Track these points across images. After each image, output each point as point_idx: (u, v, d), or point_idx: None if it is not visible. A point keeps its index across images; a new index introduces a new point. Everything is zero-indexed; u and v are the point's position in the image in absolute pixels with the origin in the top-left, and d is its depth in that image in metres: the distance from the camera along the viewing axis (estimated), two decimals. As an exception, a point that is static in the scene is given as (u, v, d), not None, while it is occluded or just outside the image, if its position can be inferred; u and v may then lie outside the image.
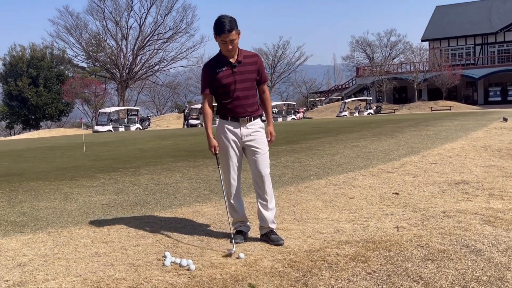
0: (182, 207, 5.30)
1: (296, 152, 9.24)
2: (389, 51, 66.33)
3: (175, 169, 7.71)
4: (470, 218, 4.63)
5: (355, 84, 60.40)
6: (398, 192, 5.90)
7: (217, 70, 4.01)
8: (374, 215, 4.87)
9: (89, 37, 55.36)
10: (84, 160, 10.02)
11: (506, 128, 13.50)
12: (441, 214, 4.81)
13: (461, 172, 7.12)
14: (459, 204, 5.22)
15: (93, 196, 5.85)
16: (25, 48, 56.12)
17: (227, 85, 4.01)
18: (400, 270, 3.46)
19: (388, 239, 4.08)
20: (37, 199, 5.72)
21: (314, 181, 6.62)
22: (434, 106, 46.28)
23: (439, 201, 5.42)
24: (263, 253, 3.83)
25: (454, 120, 17.06)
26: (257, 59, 4.14)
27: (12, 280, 3.35)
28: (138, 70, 56.45)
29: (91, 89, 50.19)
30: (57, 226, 4.64)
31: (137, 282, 3.27)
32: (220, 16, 3.94)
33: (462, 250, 3.81)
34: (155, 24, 55.88)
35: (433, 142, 10.48)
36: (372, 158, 8.38)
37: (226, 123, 4.08)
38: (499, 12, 56.37)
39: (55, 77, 55.23)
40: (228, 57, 4.02)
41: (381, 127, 15.15)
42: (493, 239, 4.03)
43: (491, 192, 5.75)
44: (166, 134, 20.99)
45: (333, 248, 3.90)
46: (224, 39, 3.89)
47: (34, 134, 41.90)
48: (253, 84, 4.12)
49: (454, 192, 5.86)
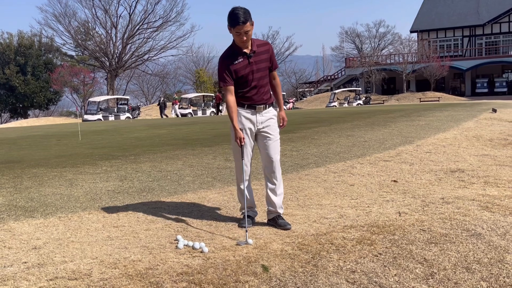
0: (187, 193, 5.39)
1: (293, 141, 9.36)
2: (378, 42, 66.70)
3: (175, 157, 7.79)
4: (468, 204, 4.78)
5: (344, 75, 60.61)
6: (397, 180, 6.04)
7: (234, 62, 4.08)
8: (375, 201, 5.01)
9: (78, 25, 54.92)
10: (81, 148, 10.05)
11: (496, 119, 13.74)
12: (440, 201, 4.96)
13: (455, 161, 7.29)
14: (456, 191, 5.38)
15: (98, 183, 5.92)
16: (13, 36, 55.55)
17: (244, 76, 4.10)
18: (405, 253, 3.60)
19: (391, 223, 4.22)
20: (42, 185, 5.78)
21: (313, 169, 6.75)
22: (423, 97, 46.65)
23: (437, 188, 5.58)
24: (272, 237, 3.95)
25: (444, 111, 17.28)
26: (269, 47, 4.25)
27: (30, 261, 3.43)
28: (128, 59, 56.12)
29: (80, 77, 49.86)
30: (66, 211, 4.72)
31: (153, 263, 3.37)
32: (234, 8, 4.00)
33: (463, 234, 3.96)
34: (145, 12, 55.55)
35: (426, 132, 10.66)
36: (368, 147, 8.53)
37: (243, 110, 4.18)
38: (487, 4, 56.78)
39: (43, 65, 54.75)
40: (243, 48, 4.09)
41: (373, 117, 15.32)
42: (492, 224, 4.19)
43: (486, 180, 5.92)
44: (158, 123, 20.99)
45: (339, 232, 4.03)
46: (239, 31, 3.96)
47: (23, 122, 41.53)
48: (266, 72, 4.24)
49: (451, 180, 6.02)
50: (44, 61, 55.24)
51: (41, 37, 55.92)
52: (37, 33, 55.73)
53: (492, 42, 55.27)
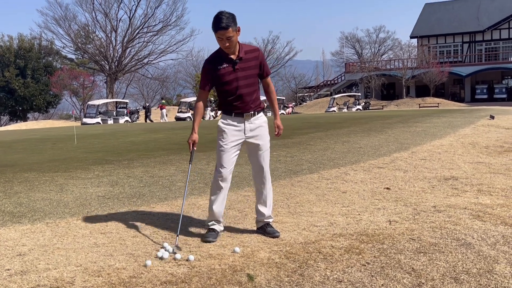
0: (177, 200, 5.36)
1: (288, 147, 9.33)
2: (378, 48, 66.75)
3: (168, 162, 7.76)
4: (460, 213, 4.75)
5: (344, 80, 60.65)
6: (389, 187, 6.01)
7: (218, 67, 3.99)
8: (366, 209, 4.98)
9: (78, 28, 54.92)
10: (76, 152, 10.02)
11: (493, 126, 13.71)
12: (431, 209, 4.93)
13: (450, 168, 7.26)
14: (449, 199, 5.35)
15: (89, 188, 5.88)
16: (13, 39, 55.66)
17: (229, 83, 4.01)
18: (393, 262, 3.56)
19: (381, 232, 4.19)
20: (32, 190, 5.74)
21: (306, 175, 6.71)
22: (422, 103, 46.64)
23: (430, 196, 5.54)
24: (260, 245, 3.91)
25: (442, 117, 17.26)
26: (258, 53, 4.14)
27: (13, 269, 3.40)
28: (127, 62, 56.14)
29: (80, 81, 49.86)
30: (55, 217, 4.68)
31: (138, 272, 3.33)
32: (220, 12, 3.92)
33: (453, 244, 3.92)
34: (145, 16, 55.58)
35: (422, 138, 10.63)
36: (363, 154, 8.50)
37: (230, 118, 4.08)
38: (487, 11, 56.87)
39: (43, 68, 54.81)
40: (229, 53, 4.01)
41: (370, 123, 15.29)
42: (482, 233, 4.16)
43: (479, 188, 5.89)
44: (156, 127, 20.97)
45: (328, 240, 3.99)
46: (220, 36, 3.88)
47: (22, 125, 41.54)
48: (256, 79, 4.14)
49: (444, 187, 5.99)
50: (44, 64, 55.30)
51: (41, 40, 56.02)
52: (37, 36, 55.85)
53: (492, 49, 55.32)
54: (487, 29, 54.05)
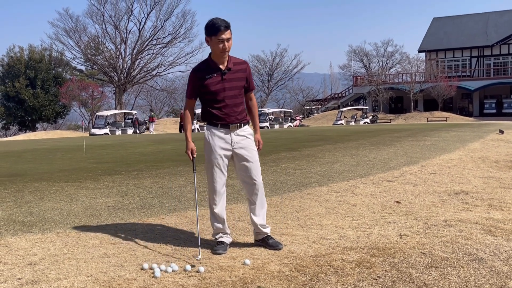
0: (187, 211, 5.36)
1: (296, 159, 9.32)
2: (386, 61, 66.84)
3: (178, 173, 7.77)
4: (471, 228, 4.71)
5: (352, 93, 60.67)
6: (399, 201, 5.98)
7: (206, 76, 3.98)
8: (376, 223, 4.95)
9: (88, 40, 55.42)
10: (85, 162, 10.06)
11: (503, 140, 13.65)
12: (442, 223, 4.89)
13: (460, 182, 7.22)
14: (459, 214, 5.31)
15: (98, 198, 5.90)
16: (24, 50, 56.19)
17: (216, 92, 3.99)
18: (404, 277, 3.54)
19: (392, 246, 4.16)
20: (43, 200, 5.77)
21: (316, 188, 6.70)
22: (430, 117, 46.54)
23: (440, 210, 5.51)
24: (270, 257, 3.90)
25: (451, 131, 17.21)
26: (246, 66, 4.14)
27: (24, 278, 3.40)
28: (136, 74, 56.51)
29: (89, 92, 50.16)
30: (65, 226, 4.70)
31: (148, 283, 3.33)
32: (212, 18, 3.95)
33: (465, 258, 3.89)
34: (155, 28, 56.05)
35: (431, 152, 10.59)
36: (372, 167, 8.48)
37: (216, 129, 4.05)
38: (495, 25, 56.88)
39: (53, 79, 55.25)
40: (218, 62, 4.00)
41: (379, 136, 15.27)
42: (494, 248, 4.12)
43: (490, 203, 5.85)
44: (164, 138, 21.04)
45: (338, 253, 3.97)
46: (220, 38, 3.88)
47: (30, 135, 41.82)
48: (241, 91, 4.12)
49: (454, 202, 5.95)
50: (53, 75, 55.75)
51: (51, 52, 56.55)
52: (48, 48, 56.37)
53: (500, 63, 55.21)
54: (495, 43, 54.00)
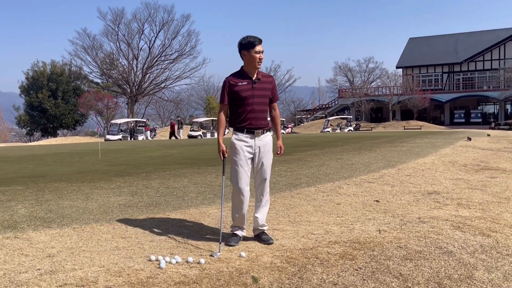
0: (190, 208, 5.33)
1: (288, 163, 9.30)
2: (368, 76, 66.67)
3: (182, 175, 7.74)
4: (442, 224, 4.70)
5: (337, 104, 60.74)
6: (379, 200, 5.97)
7: (239, 83, 4.03)
8: (358, 219, 4.94)
9: (104, 56, 55.31)
10: (100, 165, 10.01)
11: (470, 146, 13.67)
12: (416, 220, 4.88)
13: (432, 183, 7.21)
14: (432, 212, 5.30)
15: (111, 197, 5.86)
16: (46, 65, 56.05)
17: (246, 98, 4.02)
18: (382, 268, 3.52)
19: (371, 240, 4.14)
20: (61, 198, 5.73)
21: (305, 188, 6.68)
22: (406, 126, 46.59)
23: (415, 208, 5.50)
24: (263, 250, 3.87)
25: (425, 138, 17.21)
26: (272, 79, 4.21)
27: (43, 269, 3.37)
28: (146, 86, 56.42)
29: (104, 102, 50.07)
30: (81, 222, 4.66)
31: (154, 273, 3.30)
32: (245, 36, 4.03)
33: (436, 252, 3.88)
34: (163, 46, 56.01)
35: (407, 157, 10.59)
36: (355, 170, 8.46)
37: (242, 135, 4.07)
38: (464, 45, 57.13)
39: (72, 90, 55.13)
40: (250, 73, 4.06)
41: (361, 143, 15.26)
42: (462, 243, 4.11)
43: (459, 202, 5.84)
44: (171, 143, 20.98)
45: (324, 247, 3.95)
46: (258, 50, 3.98)
47: (52, 141, 41.64)
48: (267, 101, 4.16)
49: (427, 201, 5.94)
50: (73, 87, 55.62)
51: (71, 66, 56.40)
52: (68, 63, 56.22)
53: (468, 78, 55.43)
54: (464, 61, 54.23)
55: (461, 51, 56.06)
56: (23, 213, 4.98)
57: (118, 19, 53.96)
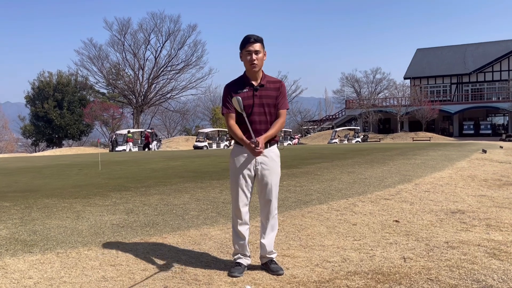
0: (190, 229, 4.81)
1: (296, 177, 8.77)
2: (375, 87, 66.18)
3: (184, 190, 7.23)
4: (474, 250, 4.15)
5: (344, 115, 60.19)
6: (398, 220, 5.42)
7: (238, 90, 3.50)
8: (378, 244, 4.40)
9: (110, 66, 55.30)
10: (98, 178, 9.53)
11: (487, 159, 13.07)
12: (444, 245, 4.33)
13: (454, 201, 6.65)
14: (459, 234, 4.75)
15: (104, 216, 5.36)
16: (53, 75, 56.12)
17: (246, 107, 3.48)
18: (413, 307, 2.98)
19: (396, 270, 3.60)
20: (49, 217, 5.23)
21: (316, 206, 6.14)
22: (415, 137, 45.95)
23: (439, 230, 4.95)
24: (272, 283, 3.35)
25: (437, 150, 16.63)
26: (280, 85, 3.61)
27: (13, 306, 2.86)
28: (152, 97, 56.24)
29: (110, 112, 49.89)
30: (66, 246, 4.15)
31: (143, 313, 2.78)
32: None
33: (474, 286, 3.32)
34: (169, 56, 55.91)
35: (423, 170, 10.03)
36: (369, 185, 7.92)
37: (241, 148, 3.53)
38: (472, 56, 56.60)
39: (78, 101, 55.05)
40: (252, 78, 3.52)
41: (372, 155, 14.70)
42: (502, 274, 3.56)
43: (488, 223, 5.28)
44: (175, 155, 20.51)
45: (342, 279, 3.42)
46: (248, 49, 3.43)
47: (56, 151, 41.36)
48: (272, 110, 3.57)
49: (452, 221, 5.39)
50: (78, 97, 55.55)
51: (77, 76, 56.41)
52: (74, 73, 56.26)
53: (477, 89, 54.81)
54: (472, 72, 53.66)
55: (469, 62, 55.51)
56: (3, 235, 4.48)
57: (124, 29, 54.03)
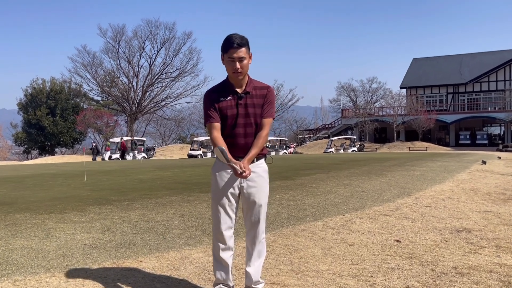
0: (170, 251, 4.34)
1: (290, 189, 8.32)
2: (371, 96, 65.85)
3: (168, 204, 6.75)
4: (486, 278, 3.70)
5: (340, 124, 59.89)
6: (400, 240, 4.97)
7: (220, 99, 3.04)
8: (379, 269, 3.94)
9: (104, 73, 54.77)
10: (81, 189, 9.04)
11: (488, 171, 12.67)
12: (452, 271, 3.88)
13: (459, 217, 6.21)
14: (468, 258, 4.30)
15: (77, 234, 4.88)
16: (46, 82, 55.55)
17: (229, 117, 3.03)
18: None
19: (401, 304, 3.15)
20: (15, 237, 4.74)
21: (310, 223, 5.68)
22: (412, 146, 45.66)
23: (445, 252, 4.50)
24: (258, 320, 2.88)
25: (436, 161, 16.23)
26: (267, 92, 3.11)
27: None
28: (147, 104, 55.72)
29: (103, 120, 49.34)
30: (27, 272, 3.67)
31: None
32: (231, 34, 2.99)
33: (491, 324, 2.88)
34: (164, 64, 55.45)
35: (422, 183, 9.60)
36: (366, 199, 7.47)
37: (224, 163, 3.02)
38: (468, 66, 56.59)
39: (71, 108, 54.47)
40: (236, 85, 3.05)
41: (369, 165, 14.28)
42: (522, 309, 3.11)
43: (497, 243, 4.84)
44: (167, 164, 20.02)
45: (339, 315, 2.96)
46: (231, 56, 2.93)
47: (48, 159, 40.73)
48: (258, 120, 3.09)
49: (458, 241, 4.94)
50: (72, 105, 54.95)
51: (71, 84, 55.82)
52: (67, 80, 55.65)
53: (473, 99, 54.72)
54: (468, 82, 53.62)
55: (465, 72, 55.47)
56: (-42, 258, 3.99)
57: (118, 36, 53.56)
